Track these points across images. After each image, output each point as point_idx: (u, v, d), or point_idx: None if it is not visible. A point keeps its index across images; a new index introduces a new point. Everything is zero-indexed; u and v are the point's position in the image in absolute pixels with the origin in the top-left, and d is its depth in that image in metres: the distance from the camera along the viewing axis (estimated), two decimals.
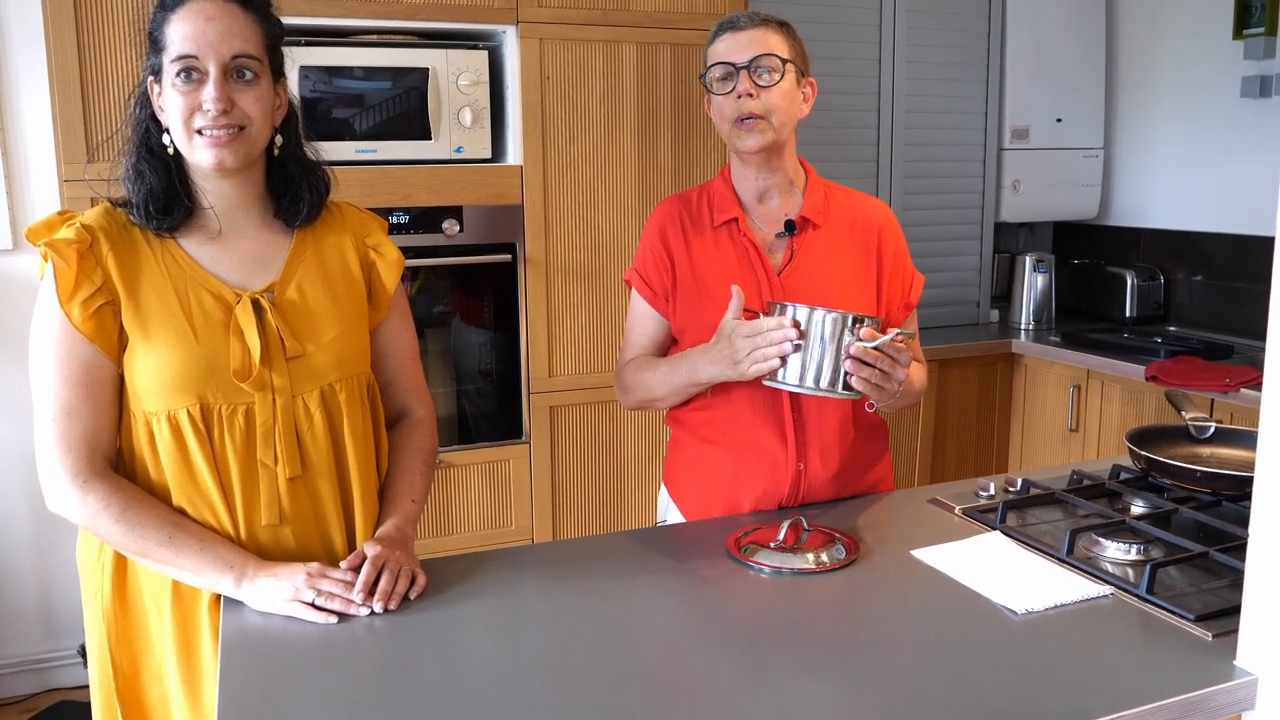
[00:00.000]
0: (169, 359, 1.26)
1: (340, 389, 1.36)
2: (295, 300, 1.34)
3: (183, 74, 1.24)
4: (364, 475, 1.40)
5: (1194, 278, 3.39)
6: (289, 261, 1.36)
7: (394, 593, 1.25)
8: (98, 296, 1.25)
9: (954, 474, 3.32)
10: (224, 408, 1.28)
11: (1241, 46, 3.14)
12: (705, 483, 1.67)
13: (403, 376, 1.50)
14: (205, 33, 1.23)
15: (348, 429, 1.37)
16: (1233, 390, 2.57)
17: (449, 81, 2.60)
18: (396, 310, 1.48)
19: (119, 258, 1.27)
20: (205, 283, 1.30)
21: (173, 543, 1.25)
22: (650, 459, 2.92)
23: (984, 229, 3.58)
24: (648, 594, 1.33)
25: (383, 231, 1.47)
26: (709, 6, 2.77)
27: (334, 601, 1.23)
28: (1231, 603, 1.19)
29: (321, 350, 1.34)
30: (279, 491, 1.31)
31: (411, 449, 1.48)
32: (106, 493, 1.25)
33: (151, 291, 1.27)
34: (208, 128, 1.25)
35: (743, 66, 1.56)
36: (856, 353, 1.40)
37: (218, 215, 1.33)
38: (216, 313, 1.29)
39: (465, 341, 2.77)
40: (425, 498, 1.46)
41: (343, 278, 1.41)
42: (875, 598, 1.30)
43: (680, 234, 1.66)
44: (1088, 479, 1.67)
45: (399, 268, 1.46)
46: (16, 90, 2.67)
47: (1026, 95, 3.51)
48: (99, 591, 1.34)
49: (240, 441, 1.29)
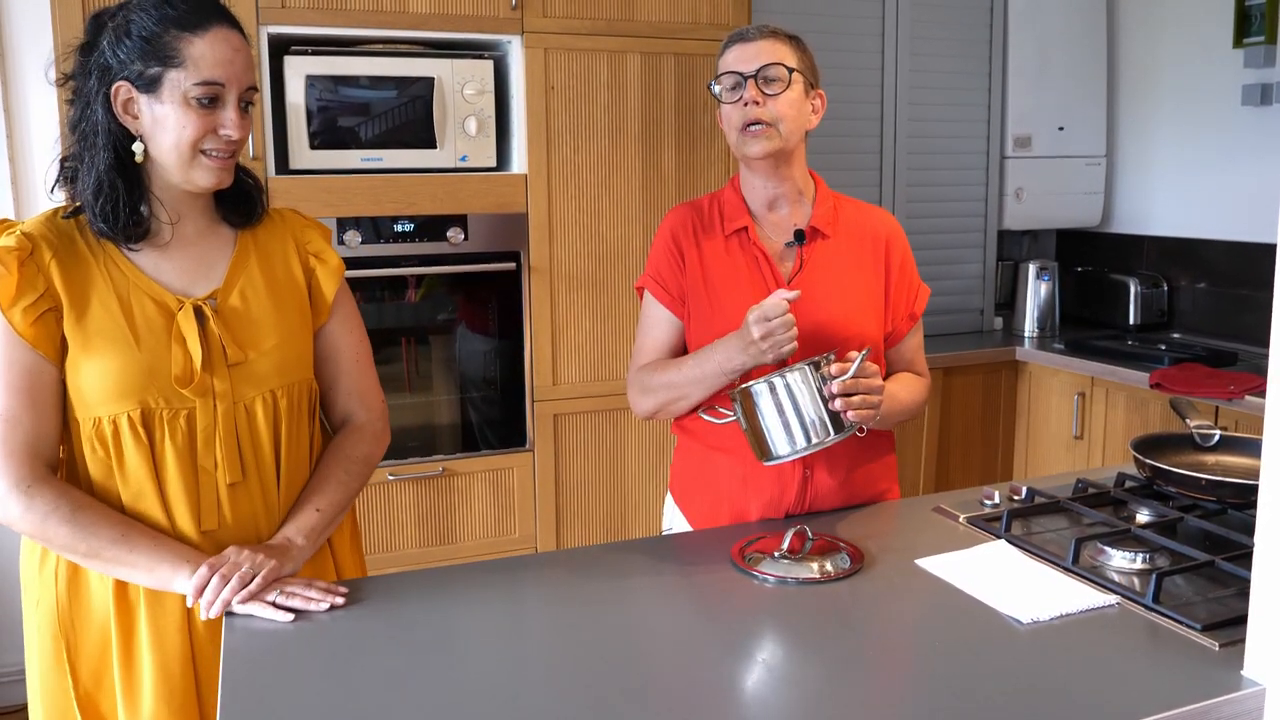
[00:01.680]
0: (111, 365, 1.26)
1: (282, 395, 1.37)
2: (238, 307, 1.35)
3: (205, 98, 1.25)
4: (298, 482, 1.41)
5: (1197, 284, 3.39)
6: (232, 268, 1.37)
7: (218, 601, 1.23)
8: (40, 303, 1.24)
9: (958, 482, 3.32)
10: (165, 412, 1.28)
11: (1242, 55, 3.14)
12: (712, 491, 1.67)
13: (344, 381, 1.49)
14: (234, 62, 1.27)
15: (285, 435, 1.38)
16: (1237, 397, 2.57)
17: (454, 91, 2.61)
18: (338, 314, 1.48)
19: (62, 264, 1.26)
20: (148, 289, 1.30)
21: (126, 540, 1.25)
22: (654, 467, 2.92)
23: (987, 236, 3.58)
24: (651, 603, 1.33)
25: (324, 239, 1.48)
26: (712, 17, 2.78)
27: (293, 599, 1.26)
28: (1238, 612, 1.19)
29: (263, 357, 1.35)
30: (219, 496, 1.32)
31: (337, 455, 1.45)
32: (53, 496, 1.25)
33: (94, 298, 1.27)
34: (217, 150, 1.28)
35: (750, 75, 1.57)
36: (840, 389, 1.42)
37: (165, 224, 1.32)
38: (159, 319, 1.29)
39: (469, 349, 2.77)
40: (342, 505, 1.42)
41: (285, 284, 1.42)
42: (880, 607, 1.30)
43: (693, 240, 1.67)
44: (1093, 487, 1.67)
45: (339, 274, 1.47)
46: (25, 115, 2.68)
47: (1028, 103, 3.52)
48: (40, 602, 1.33)
49: (182, 446, 1.30)
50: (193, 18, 1.25)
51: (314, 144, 2.52)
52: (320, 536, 1.38)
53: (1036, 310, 3.52)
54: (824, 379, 1.43)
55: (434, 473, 2.70)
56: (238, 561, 1.26)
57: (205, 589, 1.24)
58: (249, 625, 1.24)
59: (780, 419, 1.43)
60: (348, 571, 1.50)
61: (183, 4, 1.25)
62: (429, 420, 2.71)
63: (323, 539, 1.40)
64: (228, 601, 1.24)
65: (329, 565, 1.46)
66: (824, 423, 1.43)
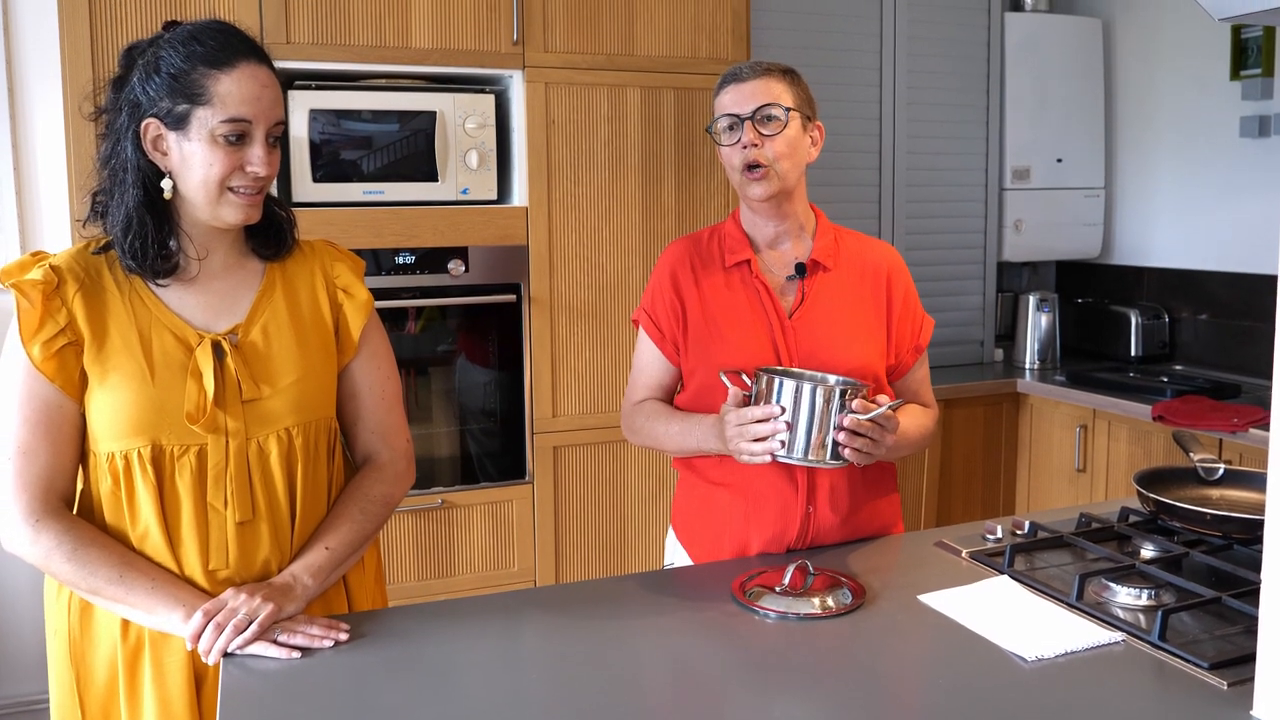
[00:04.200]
0: (124, 399, 1.26)
1: (298, 433, 1.35)
2: (258, 343, 1.34)
3: (233, 135, 1.25)
4: (314, 522, 1.38)
5: (1199, 316, 3.39)
6: (256, 303, 1.36)
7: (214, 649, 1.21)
8: (60, 337, 1.25)
9: (960, 516, 3.30)
10: (176, 448, 1.27)
11: (1239, 87, 3.17)
12: (714, 525, 1.66)
13: (368, 418, 1.46)
14: (261, 99, 1.27)
15: (301, 474, 1.36)
16: (1241, 430, 2.56)
17: (456, 124, 2.62)
18: (365, 351, 1.45)
19: (86, 299, 1.27)
20: (170, 324, 1.30)
21: (123, 581, 1.24)
22: (654, 500, 2.90)
23: (986, 268, 3.59)
24: (651, 638, 1.31)
25: (353, 272, 1.46)
26: (711, 51, 2.81)
27: (296, 637, 1.24)
28: (1246, 650, 1.17)
29: (278, 394, 1.33)
30: (227, 535, 1.30)
31: (354, 494, 1.42)
32: (59, 532, 1.24)
33: (115, 332, 1.27)
34: (245, 187, 1.28)
35: (747, 117, 1.57)
36: (851, 425, 1.41)
37: (193, 259, 1.32)
38: (177, 354, 1.29)
39: (470, 381, 2.77)
40: (355, 545, 1.39)
41: (311, 319, 1.40)
42: (882, 643, 1.28)
43: (691, 275, 1.67)
44: (1096, 522, 1.66)
45: (367, 309, 1.45)
46: (32, 142, 2.70)
47: (1027, 136, 3.54)
48: (58, 632, 1.33)
49: (191, 483, 1.28)
50: (220, 55, 1.25)
51: (316, 177, 2.53)
52: (329, 576, 1.35)
53: (1037, 342, 3.52)
54: (843, 407, 1.42)
55: (433, 505, 2.68)
56: (234, 607, 1.24)
57: (201, 635, 1.22)
58: (246, 664, 1.22)
59: (791, 421, 1.41)
60: (364, 606, 1.47)
61: (211, 41, 1.25)
62: (428, 452, 2.70)
63: (333, 578, 1.37)
64: (223, 649, 1.22)
65: (341, 600, 1.43)
66: (825, 446, 1.42)
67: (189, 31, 1.26)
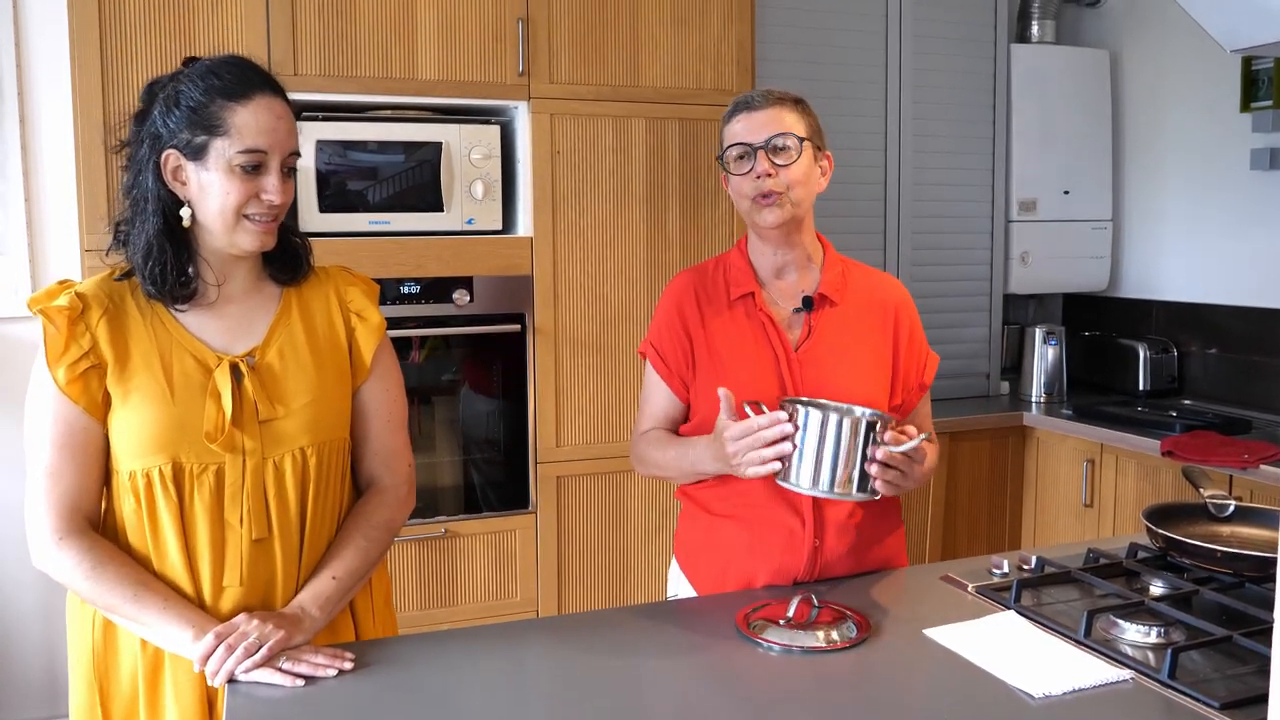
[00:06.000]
0: (146, 418, 1.30)
1: (313, 453, 1.38)
2: (274, 365, 1.38)
3: (249, 164, 1.29)
4: (322, 542, 1.41)
5: (1208, 350, 3.37)
6: (273, 326, 1.40)
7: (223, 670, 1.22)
8: (84, 360, 1.29)
9: (966, 550, 3.26)
10: (195, 467, 1.31)
11: (1250, 119, 3.16)
12: (719, 557, 1.64)
13: (373, 441, 1.49)
14: (276, 130, 1.31)
15: (314, 494, 1.39)
16: (1252, 466, 2.53)
17: (461, 155, 2.64)
18: (375, 373, 1.48)
19: (109, 323, 1.31)
20: (190, 347, 1.34)
21: (137, 600, 1.28)
22: (658, 531, 2.88)
23: (993, 300, 3.58)
24: (654, 670, 1.30)
25: (367, 296, 1.49)
26: (716, 82, 2.82)
27: (300, 665, 1.25)
28: (1258, 690, 1.15)
29: (294, 415, 1.37)
30: (241, 553, 1.33)
31: (358, 520, 1.44)
32: (80, 550, 1.28)
33: (138, 355, 1.32)
34: (260, 215, 1.32)
35: (759, 146, 1.57)
36: (884, 458, 1.39)
37: (211, 285, 1.37)
38: (196, 375, 1.33)
39: (473, 410, 2.76)
40: (361, 573, 1.41)
41: (326, 341, 1.44)
42: (887, 678, 1.26)
43: (697, 311, 1.66)
44: (1104, 557, 1.64)
45: (379, 332, 1.48)
46: (41, 161, 2.72)
47: (1033, 168, 3.54)
48: (81, 649, 1.36)
49: (209, 501, 1.32)
50: (237, 88, 1.29)
51: (323, 207, 2.54)
52: (335, 606, 1.37)
53: (1044, 375, 3.50)
54: (873, 438, 1.39)
55: (436, 534, 2.67)
56: (245, 630, 1.26)
57: (211, 657, 1.23)
58: (251, 692, 1.22)
59: (816, 453, 1.38)
60: (371, 633, 1.49)
61: (228, 74, 1.30)
62: (432, 481, 2.69)
63: (338, 608, 1.38)
64: (231, 671, 1.23)
65: (348, 627, 1.45)
66: (852, 479, 1.39)
67: (207, 66, 1.31)
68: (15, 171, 2.69)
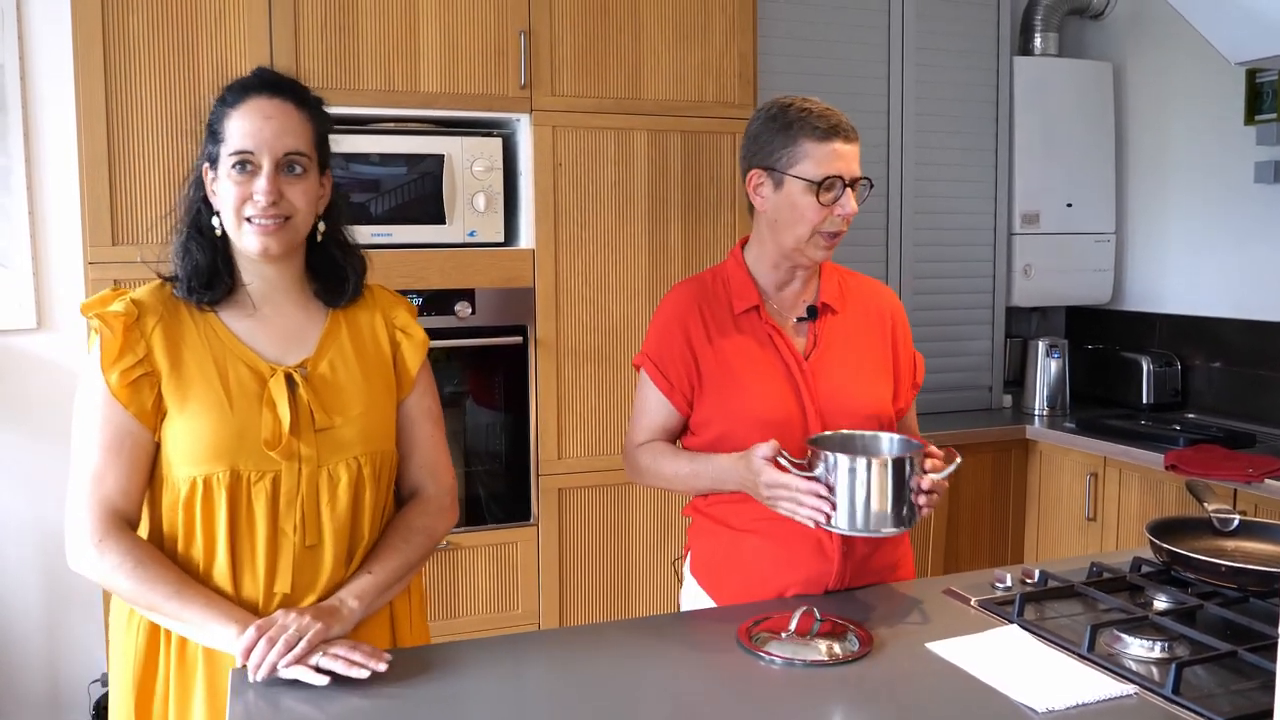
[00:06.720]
0: (205, 426, 1.33)
1: (365, 462, 1.41)
2: (326, 375, 1.41)
3: (238, 166, 1.33)
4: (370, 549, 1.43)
5: (1212, 364, 3.35)
6: (323, 339, 1.44)
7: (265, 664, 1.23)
8: (138, 367, 1.33)
9: (968, 563, 3.25)
10: (253, 474, 1.34)
11: (1254, 132, 3.16)
12: (746, 572, 1.62)
13: (418, 453, 1.52)
14: (262, 130, 1.34)
15: (365, 503, 1.42)
16: (1256, 480, 2.51)
17: (464, 167, 2.64)
18: (419, 388, 1.52)
19: (165, 332, 1.35)
20: (243, 355, 1.37)
21: (180, 596, 1.30)
22: (660, 543, 2.87)
23: (995, 313, 3.58)
24: (655, 682, 1.29)
25: (410, 314, 1.54)
26: (718, 95, 2.83)
27: (337, 663, 1.25)
28: (1263, 706, 1.14)
29: (349, 424, 1.40)
30: (294, 559, 1.36)
31: (400, 524, 1.47)
32: (122, 551, 1.31)
33: (193, 363, 1.35)
34: (257, 217, 1.34)
35: (850, 184, 1.55)
36: (930, 486, 1.43)
37: (256, 293, 1.41)
38: (251, 384, 1.36)
39: (476, 422, 2.75)
40: (399, 572, 1.43)
41: (373, 356, 1.47)
42: (889, 692, 1.26)
43: (701, 325, 1.65)
44: (1108, 571, 1.63)
45: (423, 348, 1.52)
46: (44, 174, 2.73)
47: (1036, 180, 3.54)
48: (123, 657, 1.38)
49: (266, 508, 1.34)
50: (231, 95, 1.36)
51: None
52: (374, 600, 1.39)
53: (1046, 388, 3.49)
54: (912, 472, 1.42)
55: (438, 546, 2.66)
56: (284, 624, 1.27)
57: (253, 651, 1.24)
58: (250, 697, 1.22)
59: (851, 498, 1.41)
60: (408, 641, 1.50)
61: (232, 85, 1.37)
62: None
63: (377, 604, 1.40)
64: (274, 664, 1.23)
65: (387, 633, 1.46)
66: (887, 515, 1.42)
67: (228, 83, 1.38)
68: (19, 184, 2.70)
